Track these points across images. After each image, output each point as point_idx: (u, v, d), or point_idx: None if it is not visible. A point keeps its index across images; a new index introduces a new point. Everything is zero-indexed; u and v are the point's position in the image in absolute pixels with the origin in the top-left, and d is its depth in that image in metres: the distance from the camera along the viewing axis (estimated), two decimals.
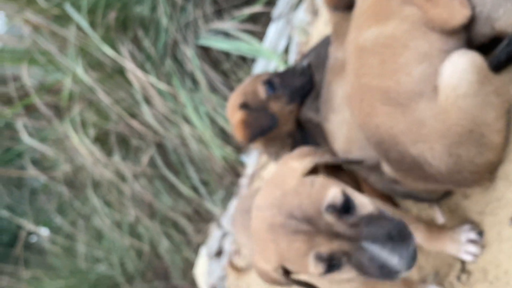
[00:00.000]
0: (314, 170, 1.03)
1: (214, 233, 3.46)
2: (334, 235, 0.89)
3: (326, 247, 0.89)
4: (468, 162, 1.06)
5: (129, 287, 4.78)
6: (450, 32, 1.10)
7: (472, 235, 1.20)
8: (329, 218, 0.90)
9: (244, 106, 1.54)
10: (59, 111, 3.98)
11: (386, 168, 1.24)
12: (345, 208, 0.92)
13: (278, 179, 0.99)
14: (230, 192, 4.05)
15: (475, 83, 1.03)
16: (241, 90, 1.58)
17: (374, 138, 1.16)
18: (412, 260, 0.88)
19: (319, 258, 0.90)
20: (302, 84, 1.54)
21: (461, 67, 1.04)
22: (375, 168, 1.42)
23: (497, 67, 1.15)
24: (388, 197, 1.47)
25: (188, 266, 4.48)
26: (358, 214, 0.92)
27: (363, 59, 1.17)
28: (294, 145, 1.60)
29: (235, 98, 1.57)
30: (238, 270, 1.89)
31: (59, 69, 3.62)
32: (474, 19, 1.11)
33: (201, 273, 3.56)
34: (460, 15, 1.09)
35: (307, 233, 0.90)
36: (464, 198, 1.26)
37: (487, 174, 1.10)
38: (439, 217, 1.35)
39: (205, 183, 4.19)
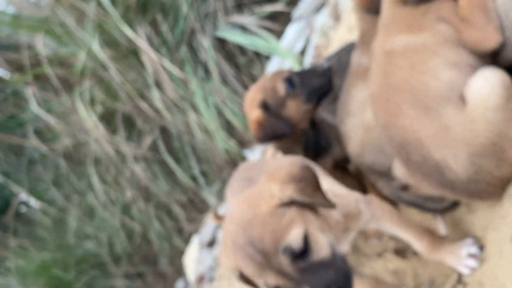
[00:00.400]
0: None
1: (209, 223, 3.48)
2: (282, 273, 0.98)
3: (273, 280, 0.99)
4: (487, 174, 1.10)
5: (114, 268, 4.78)
6: (480, 53, 1.15)
7: (473, 250, 1.23)
8: (283, 259, 0.98)
9: (264, 106, 1.56)
10: (68, 85, 4.00)
11: (399, 172, 1.28)
12: (301, 253, 0.99)
13: (256, 197, 1.05)
14: (226, 186, 4.08)
15: (504, 99, 1.08)
16: (261, 85, 1.61)
17: (397, 139, 1.20)
18: None
19: (267, 284, 1.01)
20: (321, 85, 1.58)
21: (492, 81, 1.08)
22: (385, 174, 1.46)
23: None
24: (392, 203, 1.50)
25: (177, 254, 4.49)
26: (311, 260, 0.99)
27: (392, 62, 1.21)
28: (306, 143, 1.64)
29: (254, 93, 1.60)
30: (220, 218, 1.93)
31: (75, 42, 3.63)
32: (504, 44, 1.15)
33: (190, 261, 3.58)
34: (493, 40, 1.14)
35: (259, 264, 0.99)
36: (469, 212, 1.29)
37: (499, 189, 1.13)
38: (441, 229, 1.38)
39: (204, 173, 4.22)
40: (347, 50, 1.72)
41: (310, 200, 1.03)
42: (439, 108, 1.12)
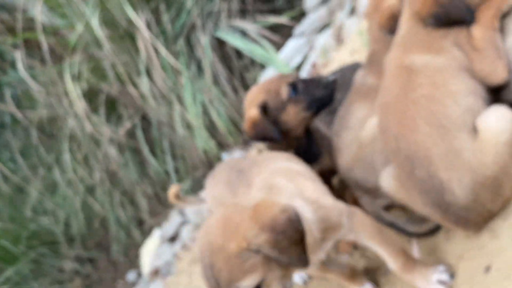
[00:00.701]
0: None
1: (174, 219, 3.46)
2: None
3: None
4: (481, 205, 1.17)
5: (66, 248, 4.66)
6: (485, 84, 1.23)
7: (444, 276, 1.28)
8: None
9: (263, 106, 1.59)
10: (57, 57, 3.93)
11: (388, 184, 1.32)
12: None
13: (232, 227, 1.08)
14: (198, 185, 4.06)
15: None
16: (266, 86, 1.64)
17: (406, 151, 1.24)
18: None
19: None
20: (323, 96, 1.62)
21: (507, 118, 1.15)
22: (370, 191, 1.50)
23: None
24: None
25: (132, 245, 4.42)
26: None
27: (411, 77, 1.26)
28: (297, 149, 1.67)
29: (258, 92, 1.63)
30: (179, 199, 1.95)
31: (74, 14, 3.59)
32: (508, 83, 1.23)
33: (147, 253, 3.54)
34: (500, 76, 1.22)
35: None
36: (445, 240, 1.35)
37: (483, 221, 1.19)
38: (415, 253, 1.43)
39: (176, 170, 4.19)
40: (352, 68, 1.77)
41: (278, 256, 1.05)
42: (455, 131, 1.18)
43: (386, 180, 1.36)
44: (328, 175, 1.69)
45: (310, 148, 1.67)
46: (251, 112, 1.60)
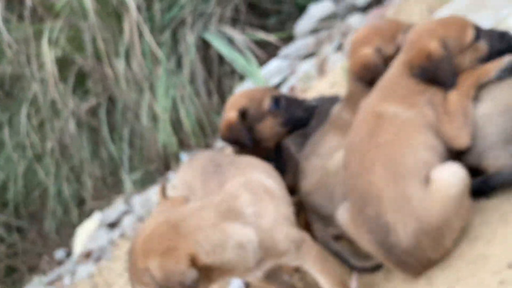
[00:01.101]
0: None
1: (118, 206, 3.40)
2: None
3: None
4: (422, 252, 1.25)
5: None
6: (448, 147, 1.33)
7: None
8: None
9: (242, 112, 1.63)
10: (38, 18, 3.84)
11: (342, 218, 1.39)
12: None
13: (150, 241, 1.18)
14: (149, 179, 4.02)
15: (462, 193, 1.25)
16: (250, 93, 1.68)
17: (360, 189, 1.32)
18: None
19: None
20: (302, 118, 1.67)
21: (458, 176, 1.26)
22: (324, 218, 1.56)
23: None
24: None
25: (68, 223, 4.31)
26: None
27: (379, 124, 1.35)
28: (266, 159, 1.70)
29: (241, 97, 1.68)
30: (165, 197, 1.94)
31: None
32: (470, 148, 1.33)
33: (83, 234, 3.46)
34: (463, 142, 1.32)
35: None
36: (385, 279, 1.42)
37: (422, 269, 1.28)
38: (353, 285, 1.49)
39: (131, 158, 4.13)
40: (331, 100, 1.85)
41: None
42: (408, 179, 1.26)
43: (341, 213, 1.42)
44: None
45: (277, 163, 1.71)
46: (230, 114, 1.63)
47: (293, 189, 1.69)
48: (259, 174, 1.45)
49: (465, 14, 1.48)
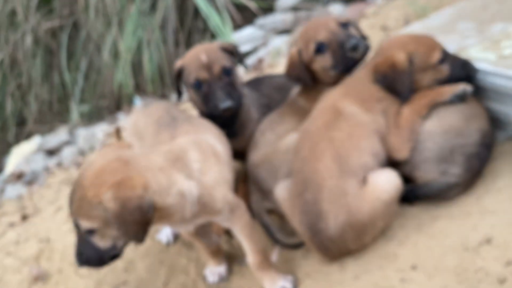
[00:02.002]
0: None
1: (61, 135, 3.34)
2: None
3: None
4: (343, 242, 1.37)
5: None
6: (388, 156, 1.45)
7: (288, 286, 1.45)
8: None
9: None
10: None
11: (280, 195, 1.49)
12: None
13: (101, 176, 1.18)
14: (97, 114, 3.95)
15: (392, 200, 1.37)
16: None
17: (305, 173, 1.40)
18: None
19: None
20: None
21: (394, 182, 1.37)
22: (262, 191, 1.64)
23: None
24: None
25: (3, 141, 4.19)
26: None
27: (336, 119, 1.44)
28: (227, 120, 1.72)
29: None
30: (119, 138, 1.95)
31: None
32: (407, 161, 1.44)
33: (18, 154, 3.38)
34: (402, 155, 1.44)
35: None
36: (303, 257, 1.52)
37: (339, 255, 1.40)
38: (273, 257, 1.59)
39: (82, 90, 4.04)
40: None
41: (118, 225, 1.16)
42: (349, 176, 1.37)
43: (280, 189, 1.51)
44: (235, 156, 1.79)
45: (233, 124, 1.74)
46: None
47: (242, 154, 1.74)
48: (210, 137, 1.49)
49: (435, 33, 1.55)
